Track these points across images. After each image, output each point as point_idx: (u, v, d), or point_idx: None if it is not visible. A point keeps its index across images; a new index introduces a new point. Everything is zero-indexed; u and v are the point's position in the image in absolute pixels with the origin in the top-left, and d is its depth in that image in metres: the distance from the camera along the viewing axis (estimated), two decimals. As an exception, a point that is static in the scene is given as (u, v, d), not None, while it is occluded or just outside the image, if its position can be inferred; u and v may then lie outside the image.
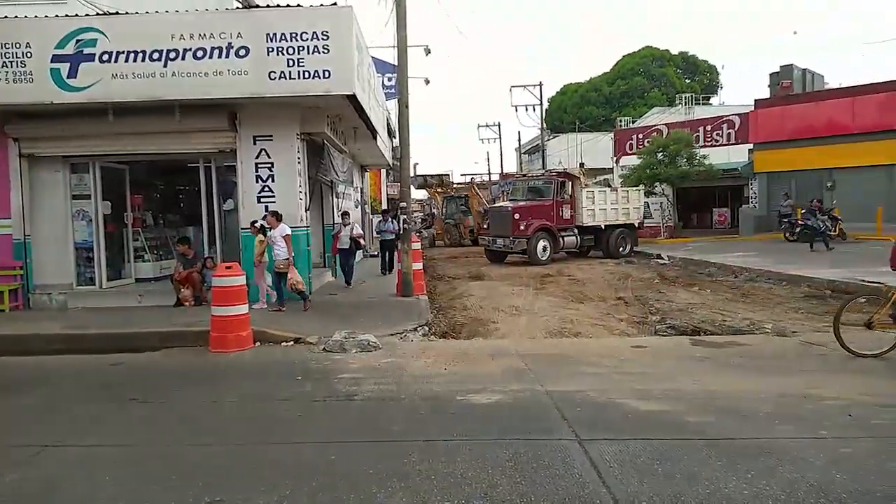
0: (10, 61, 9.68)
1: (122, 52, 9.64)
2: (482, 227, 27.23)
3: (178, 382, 6.48)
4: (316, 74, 9.59)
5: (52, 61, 9.65)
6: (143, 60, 9.62)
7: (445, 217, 30.86)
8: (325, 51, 9.56)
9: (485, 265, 19.61)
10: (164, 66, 9.61)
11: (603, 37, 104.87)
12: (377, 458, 4.16)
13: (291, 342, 8.12)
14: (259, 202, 10.79)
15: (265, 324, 8.67)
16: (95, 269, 11.52)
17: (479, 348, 7.84)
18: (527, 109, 40.46)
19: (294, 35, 9.55)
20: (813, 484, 3.58)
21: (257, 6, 10.03)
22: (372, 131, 14.34)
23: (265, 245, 10.16)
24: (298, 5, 9.86)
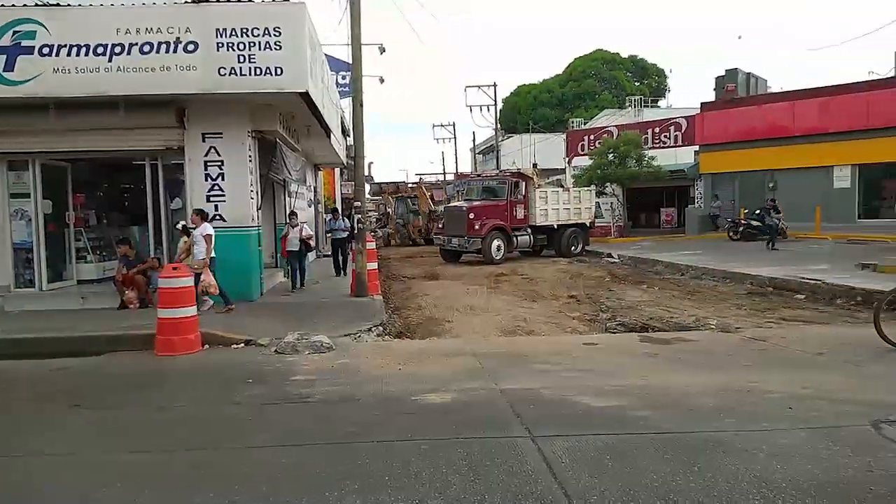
0: (-60, 52, 9.18)
1: (65, 46, 9.27)
2: (430, 227, 27.49)
3: (124, 388, 6.27)
4: (268, 71, 9.43)
5: (-15, 53, 9.20)
6: (87, 54, 9.28)
7: (396, 217, 30.98)
8: (278, 47, 9.42)
9: (440, 265, 19.65)
10: (109, 60, 9.29)
11: (555, 34, 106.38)
12: (330, 460, 4.13)
13: (242, 344, 7.95)
14: (209, 201, 10.54)
15: (214, 326, 8.47)
16: (35, 271, 11.02)
17: (433, 348, 7.86)
18: (481, 110, 40.73)
19: (245, 31, 9.37)
20: (756, 475, 3.72)
21: (207, 0, 9.79)
22: (325, 130, 14.19)
23: (189, 245, 9.82)
24: (250, 0, 9.67)
